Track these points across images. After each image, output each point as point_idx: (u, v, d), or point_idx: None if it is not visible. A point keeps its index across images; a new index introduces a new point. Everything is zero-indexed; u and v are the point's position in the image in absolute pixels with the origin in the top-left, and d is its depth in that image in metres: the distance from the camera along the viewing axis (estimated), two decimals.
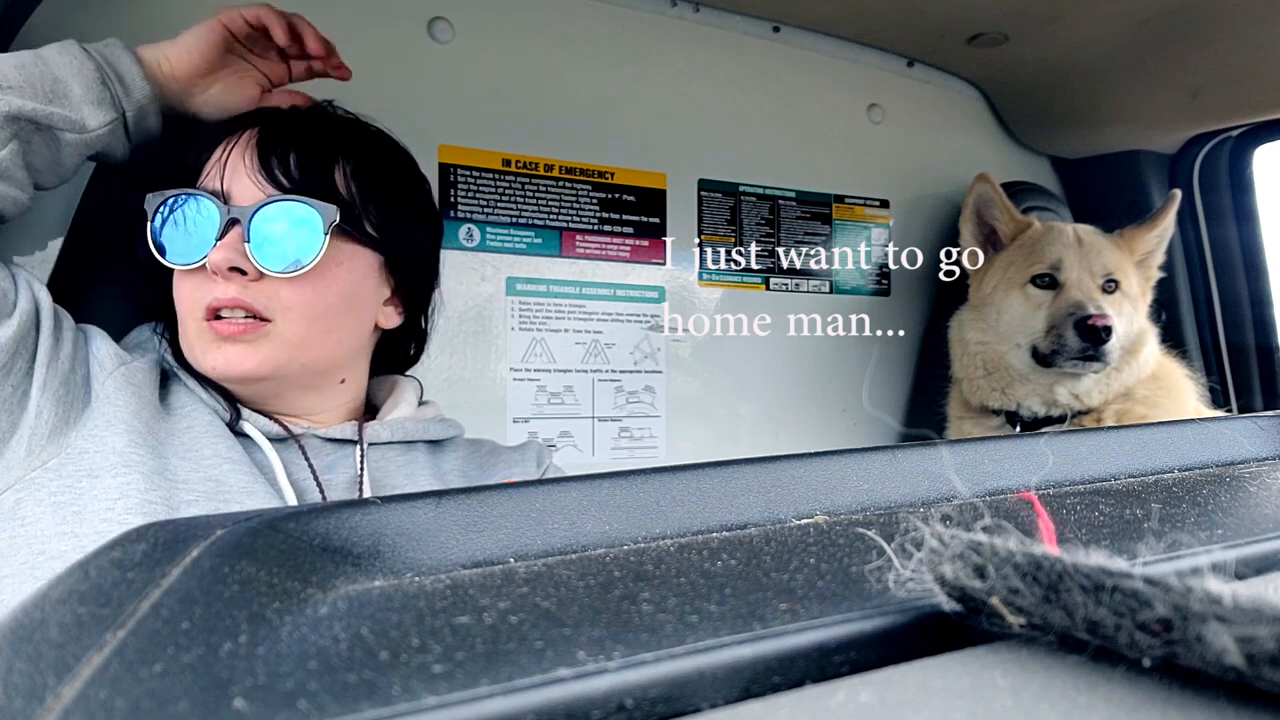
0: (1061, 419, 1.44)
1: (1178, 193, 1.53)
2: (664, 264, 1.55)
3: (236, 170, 0.82)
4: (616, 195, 1.50)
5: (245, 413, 0.84)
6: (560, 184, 1.45)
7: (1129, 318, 1.44)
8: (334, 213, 0.81)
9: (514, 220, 1.41)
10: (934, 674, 0.23)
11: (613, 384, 1.50)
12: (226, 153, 0.83)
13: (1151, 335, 1.48)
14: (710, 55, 1.57)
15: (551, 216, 1.44)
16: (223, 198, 0.80)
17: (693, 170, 1.57)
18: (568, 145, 1.45)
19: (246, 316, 0.80)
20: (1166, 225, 1.53)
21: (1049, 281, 1.43)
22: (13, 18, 1.01)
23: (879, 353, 1.80)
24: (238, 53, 0.90)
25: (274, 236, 0.80)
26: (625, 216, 1.51)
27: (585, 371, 1.47)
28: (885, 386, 1.81)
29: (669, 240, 1.54)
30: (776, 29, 1.62)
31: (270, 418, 0.85)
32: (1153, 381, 1.47)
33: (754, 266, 1.64)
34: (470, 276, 1.37)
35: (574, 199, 1.46)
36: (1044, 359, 1.40)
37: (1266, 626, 0.19)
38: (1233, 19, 1.41)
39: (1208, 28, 1.44)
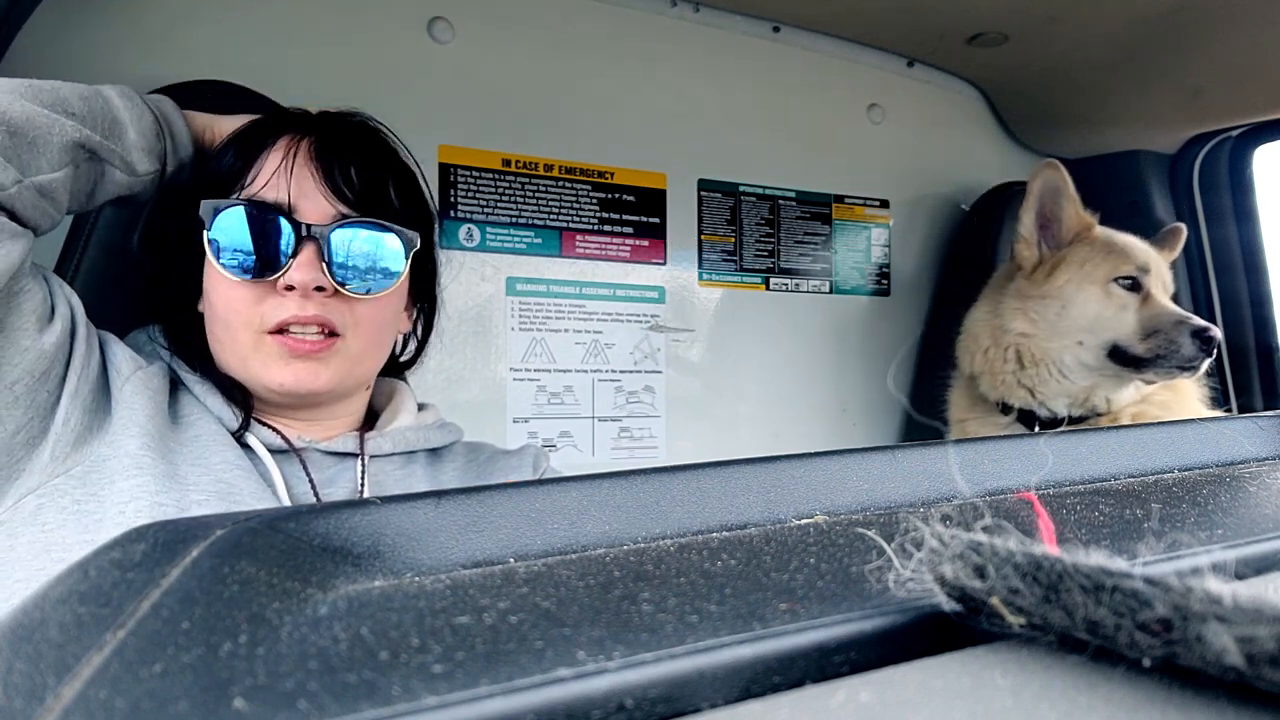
0: (1078, 420, 1.44)
1: (1182, 227, 1.54)
2: (664, 264, 1.55)
3: (302, 184, 0.81)
4: (616, 195, 1.50)
5: (252, 424, 0.83)
6: (560, 184, 1.45)
7: None
8: (416, 239, 0.85)
9: (514, 220, 1.41)
10: (934, 674, 0.23)
11: (613, 384, 1.50)
12: (287, 163, 0.81)
13: None
14: (710, 55, 1.57)
15: (551, 216, 1.44)
16: (289, 210, 0.80)
17: (693, 170, 1.57)
18: (568, 145, 1.45)
19: (318, 333, 0.80)
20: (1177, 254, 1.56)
21: (1132, 284, 1.41)
22: (13, 18, 1.01)
23: (907, 343, 1.79)
24: None
25: (354, 255, 0.81)
26: (625, 216, 1.51)
27: (585, 371, 1.47)
28: (885, 386, 1.81)
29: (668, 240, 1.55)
30: (776, 29, 1.62)
31: (274, 429, 0.85)
32: (1164, 385, 1.47)
33: (754, 266, 1.65)
34: (470, 276, 1.37)
35: (574, 199, 1.46)
36: (1133, 360, 1.37)
37: (1266, 626, 0.19)
38: (1233, 19, 1.41)
39: (1208, 28, 1.44)
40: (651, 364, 1.53)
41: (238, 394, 0.84)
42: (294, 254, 0.79)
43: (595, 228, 1.48)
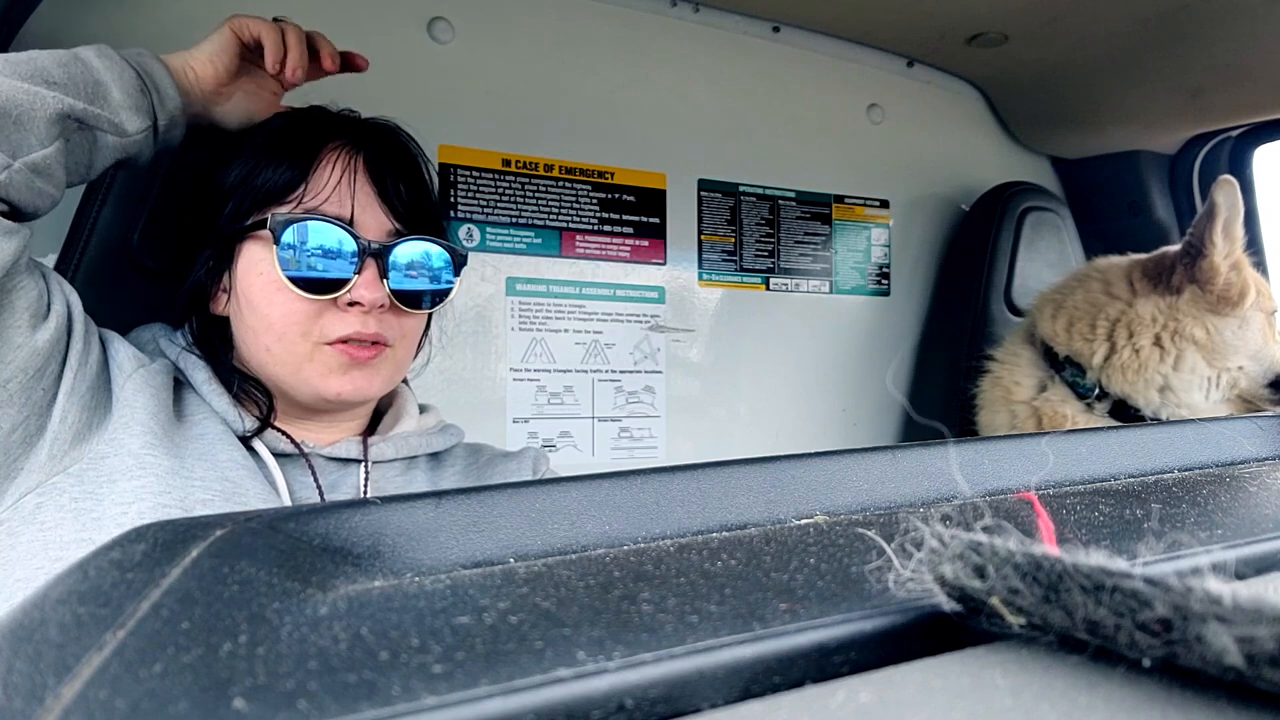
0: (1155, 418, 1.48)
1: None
2: (664, 264, 1.55)
3: (363, 200, 0.82)
4: (616, 195, 1.50)
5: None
6: (560, 184, 1.45)
7: None
8: (465, 258, 0.89)
9: (514, 220, 1.41)
10: (934, 674, 0.23)
11: (613, 384, 1.50)
12: (349, 177, 0.82)
13: None
14: (710, 55, 1.57)
15: (551, 216, 1.44)
16: (350, 224, 0.81)
17: (693, 170, 1.57)
18: (568, 145, 1.45)
19: (372, 341, 0.82)
20: None
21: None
22: (13, 18, 1.01)
23: (905, 343, 1.79)
24: (249, 60, 0.90)
25: (411, 272, 0.84)
26: (625, 216, 1.51)
27: (585, 371, 1.47)
28: (885, 386, 1.81)
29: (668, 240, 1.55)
30: (776, 29, 1.62)
31: (283, 433, 0.84)
32: None
33: (754, 267, 1.65)
34: (470, 276, 1.37)
35: (574, 199, 1.46)
36: None
37: (1266, 626, 0.19)
38: (1233, 19, 1.41)
39: (1208, 28, 1.44)
40: (651, 364, 1.53)
41: (261, 398, 0.84)
42: (358, 271, 0.80)
43: (595, 228, 1.48)
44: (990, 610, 0.24)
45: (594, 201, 1.48)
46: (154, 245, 0.97)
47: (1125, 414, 1.45)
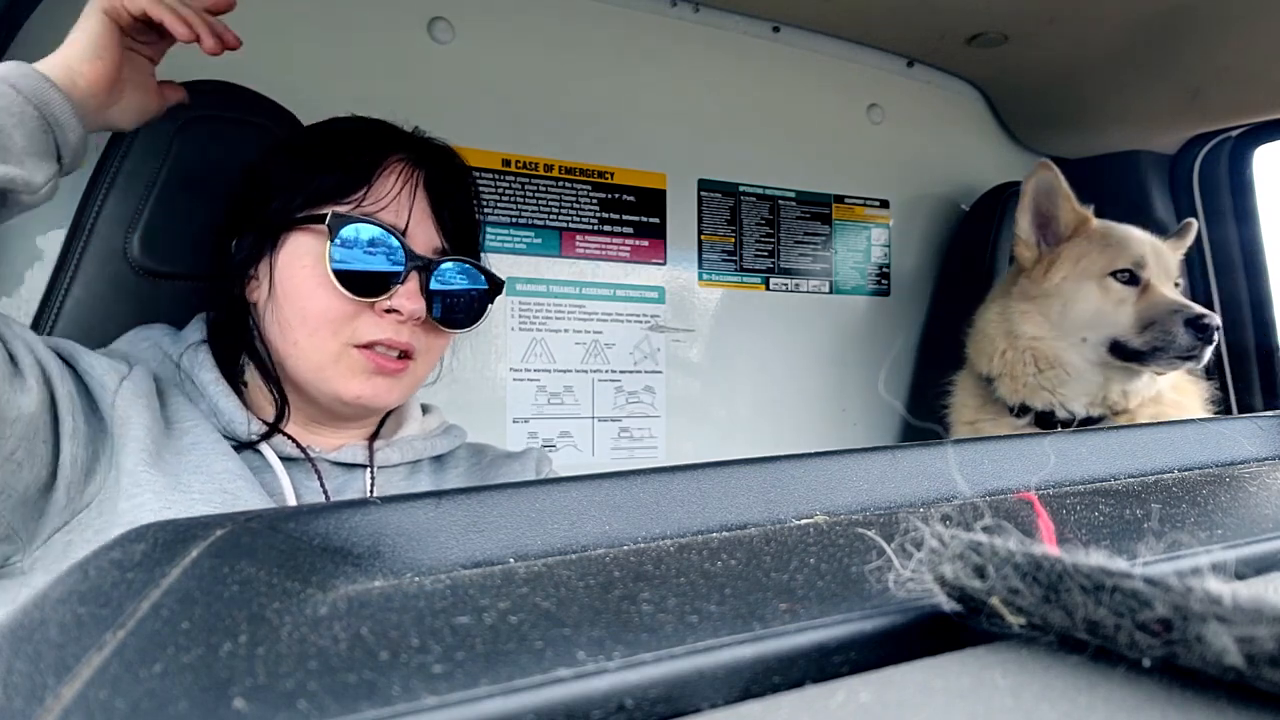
0: (1100, 419, 1.43)
1: (1192, 222, 1.53)
2: (664, 264, 1.55)
3: (418, 214, 0.83)
4: (616, 195, 1.50)
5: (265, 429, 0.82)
6: (560, 184, 1.45)
7: None
8: (502, 286, 0.90)
9: (514, 220, 1.41)
10: (934, 674, 0.23)
11: (613, 384, 1.50)
12: (409, 189, 0.83)
13: None
14: (710, 55, 1.57)
15: (551, 216, 1.44)
16: (403, 234, 0.81)
17: (693, 170, 1.57)
18: (568, 145, 1.45)
19: (400, 354, 0.83)
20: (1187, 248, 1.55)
21: (1129, 277, 1.40)
22: (13, 18, 1.01)
23: (899, 345, 1.79)
24: (125, 43, 0.79)
25: (451, 291, 0.85)
26: (625, 217, 1.51)
27: (585, 371, 1.47)
28: (888, 385, 1.81)
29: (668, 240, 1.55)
30: (776, 29, 1.62)
31: (289, 437, 0.84)
32: (1172, 385, 1.47)
33: (754, 267, 1.64)
34: None
35: (574, 199, 1.46)
36: (1133, 354, 1.36)
37: (1266, 626, 0.19)
38: (1233, 19, 1.41)
39: (1208, 28, 1.44)
40: (651, 364, 1.53)
41: (275, 399, 0.83)
42: (403, 281, 0.81)
43: (595, 228, 1.48)
44: (990, 610, 0.24)
45: (594, 201, 1.48)
46: (153, 246, 0.97)
47: (1049, 422, 1.44)
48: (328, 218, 0.79)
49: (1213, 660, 0.20)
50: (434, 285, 0.83)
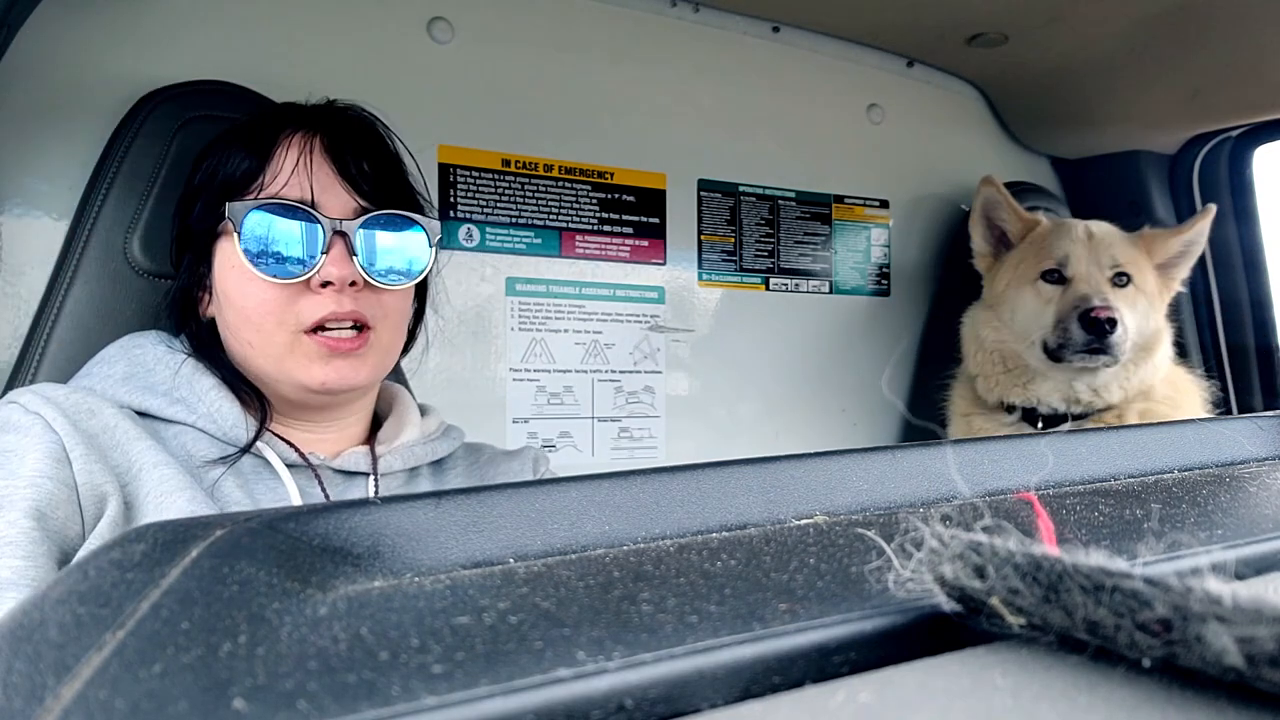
0: (1084, 415, 1.43)
1: (1212, 207, 1.50)
2: (664, 264, 1.55)
3: (322, 180, 0.81)
4: (616, 195, 1.50)
5: (266, 436, 0.82)
6: (560, 184, 1.45)
7: (1143, 313, 1.42)
8: (438, 227, 0.86)
9: (514, 220, 1.41)
10: (934, 674, 0.23)
11: (612, 384, 1.50)
12: (305, 160, 0.81)
13: (1167, 334, 1.48)
14: (710, 55, 1.57)
15: (551, 216, 1.44)
16: (312, 207, 0.80)
17: (693, 170, 1.57)
18: (568, 145, 1.45)
19: (353, 327, 0.81)
20: (1193, 236, 1.49)
21: (1058, 277, 1.42)
22: (13, 18, 1.01)
23: (900, 346, 1.80)
24: None
25: (381, 247, 0.82)
26: (625, 216, 1.51)
27: (585, 372, 1.47)
28: (890, 384, 1.81)
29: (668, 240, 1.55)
30: (776, 29, 1.62)
31: (288, 443, 0.84)
32: (1168, 383, 1.47)
33: (754, 267, 1.64)
34: (470, 276, 1.37)
35: (574, 199, 1.46)
36: (1053, 354, 1.39)
37: (1266, 626, 0.19)
38: (1233, 19, 1.41)
39: (1208, 28, 1.44)
40: (651, 364, 1.53)
41: (254, 400, 0.83)
42: (325, 250, 0.79)
43: (595, 228, 1.48)
44: (990, 610, 0.24)
45: (594, 201, 1.48)
46: (153, 246, 0.97)
47: (1034, 418, 1.46)
48: (226, 213, 0.79)
49: (1213, 660, 0.20)
50: (362, 245, 0.81)
